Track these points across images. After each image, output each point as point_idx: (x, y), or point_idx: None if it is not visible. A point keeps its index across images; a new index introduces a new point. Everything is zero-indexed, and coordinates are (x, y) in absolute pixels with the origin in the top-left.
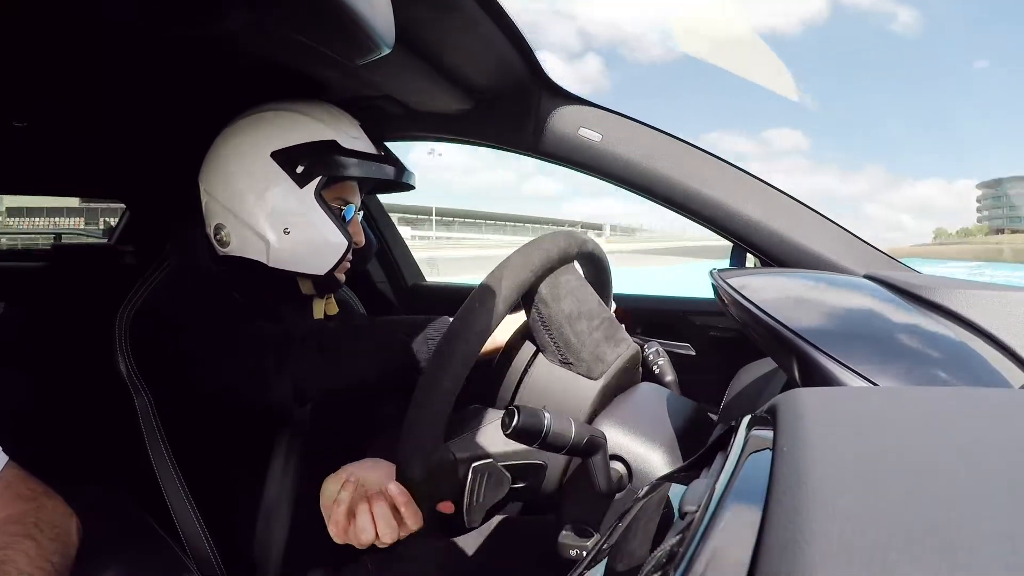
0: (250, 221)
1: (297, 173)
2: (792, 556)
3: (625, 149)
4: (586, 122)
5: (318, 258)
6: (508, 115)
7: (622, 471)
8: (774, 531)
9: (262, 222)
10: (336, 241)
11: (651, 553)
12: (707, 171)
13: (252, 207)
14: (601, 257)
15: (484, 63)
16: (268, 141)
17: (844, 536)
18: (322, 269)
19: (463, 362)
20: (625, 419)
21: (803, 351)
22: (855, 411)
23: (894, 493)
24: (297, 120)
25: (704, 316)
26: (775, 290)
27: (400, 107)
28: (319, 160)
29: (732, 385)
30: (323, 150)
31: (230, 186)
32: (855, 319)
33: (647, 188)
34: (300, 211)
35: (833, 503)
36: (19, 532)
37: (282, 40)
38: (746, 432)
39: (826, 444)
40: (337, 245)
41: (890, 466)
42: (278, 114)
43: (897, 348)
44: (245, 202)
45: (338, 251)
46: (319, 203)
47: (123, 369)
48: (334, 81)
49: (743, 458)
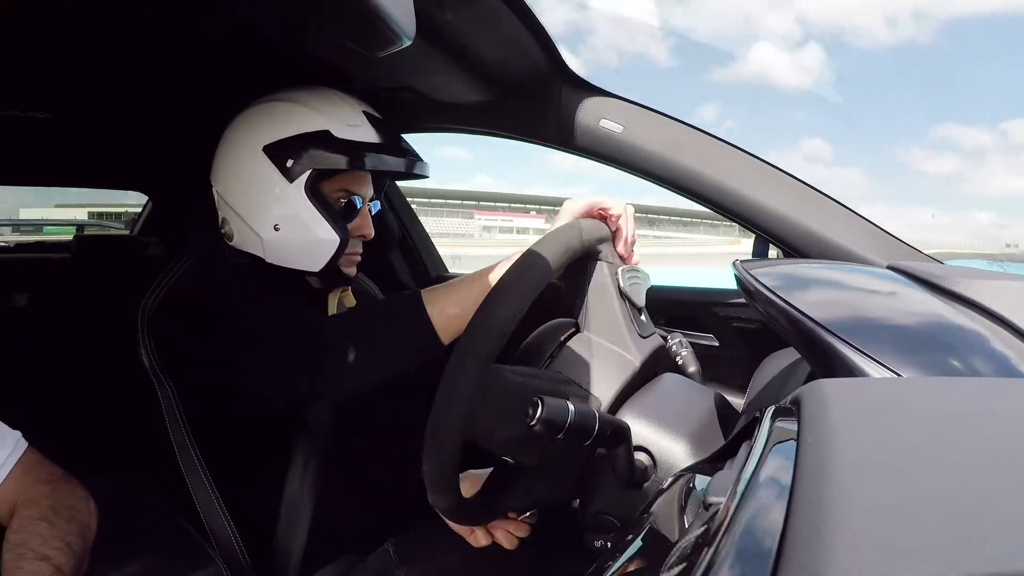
0: (245, 217)
1: (287, 167)
2: (817, 548)
3: (647, 140)
4: (607, 113)
5: (310, 255)
6: (529, 106)
7: (646, 462)
8: (799, 523)
9: (255, 218)
10: (327, 238)
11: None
12: (729, 162)
13: (246, 203)
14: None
15: (504, 54)
16: (261, 135)
17: (869, 528)
18: (316, 266)
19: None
20: (649, 410)
21: (826, 342)
22: (879, 402)
23: (918, 485)
24: (291, 111)
25: (727, 307)
26: (798, 281)
27: (420, 98)
28: (309, 153)
29: (756, 376)
30: (313, 142)
31: (229, 181)
32: (878, 310)
33: (669, 179)
34: (290, 207)
35: (857, 495)
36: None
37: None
38: (770, 423)
39: (850, 435)
40: (328, 242)
41: (914, 457)
42: (274, 105)
43: (920, 339)
44: (240, 197)
45: (329, 248)
46: (309, 198)
47: (146, 361)
48: (354, 72)
49: (767, 449)
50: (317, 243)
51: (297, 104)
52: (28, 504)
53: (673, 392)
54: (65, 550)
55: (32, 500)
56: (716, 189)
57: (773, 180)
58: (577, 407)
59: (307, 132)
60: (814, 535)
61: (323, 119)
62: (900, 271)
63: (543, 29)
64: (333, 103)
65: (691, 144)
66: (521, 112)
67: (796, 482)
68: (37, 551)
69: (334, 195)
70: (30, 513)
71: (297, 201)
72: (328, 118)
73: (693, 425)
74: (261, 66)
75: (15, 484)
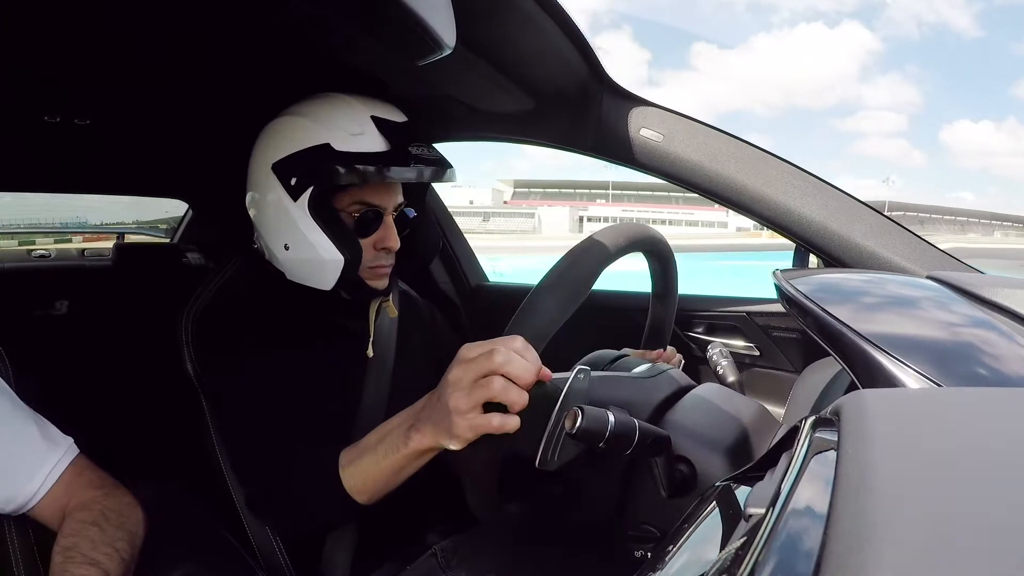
0: (265, 236)
1: (291, 185)
2: (857, 561)
3: (686, 149)
4: (647, 122)
5: (318, 274)
6: (569, 115)
7: (687, 472)
8: (839, 535)
9: (270, 237)
10: (330, 258)
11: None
12: (769, 171)
13: (263, 222)
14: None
15: (545, 63)
16: (269, 153)
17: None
18: (326, 284)
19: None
20: (689, 420)
21: (866, 352)
22: (920, 413)
23: (959, 496)
24: (295, 126)
25: (767, 316)
26: (837, 290)
27: (461, 106)
28: (307, 169)
29: (796, 386)
30: (313, 157)
31: (252, 198)
32: (918, 320)
33: (709, 189)
34: (295, 227)
35: (898, 507)
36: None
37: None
38: (810, 433)
39: (891, 446)
40: (333, 263)
41: (955, 469)
42: (282, 121)
43: (961, 349)
44: (259, 217)
45: (335, 268)
46: (313, 217)
47: (189, 369)
48: (394, 81)
49: (808, 460)
50: (322, 263)
51: (300, 118)
52: (79, 509)
53: (713, 402)
54: (114, 556)
55: (83, 505)
56: (756, 198)
57: (812, 189)
58: (617, 416)
59: (307, 148)
60: (854, 548)
61: (324, 131)
62: (940, 281)
63: (583, 37)
64: (336, 112)
65: (731, 153)
66: (561, 121)
67: (836, 493)
68: (87, 555)
69: (349, 208)
70: (81, 517)
71: (301, 220)
72: (329, 129)
73: (733, 435)
74: (300, 75)
75: (66, 488)
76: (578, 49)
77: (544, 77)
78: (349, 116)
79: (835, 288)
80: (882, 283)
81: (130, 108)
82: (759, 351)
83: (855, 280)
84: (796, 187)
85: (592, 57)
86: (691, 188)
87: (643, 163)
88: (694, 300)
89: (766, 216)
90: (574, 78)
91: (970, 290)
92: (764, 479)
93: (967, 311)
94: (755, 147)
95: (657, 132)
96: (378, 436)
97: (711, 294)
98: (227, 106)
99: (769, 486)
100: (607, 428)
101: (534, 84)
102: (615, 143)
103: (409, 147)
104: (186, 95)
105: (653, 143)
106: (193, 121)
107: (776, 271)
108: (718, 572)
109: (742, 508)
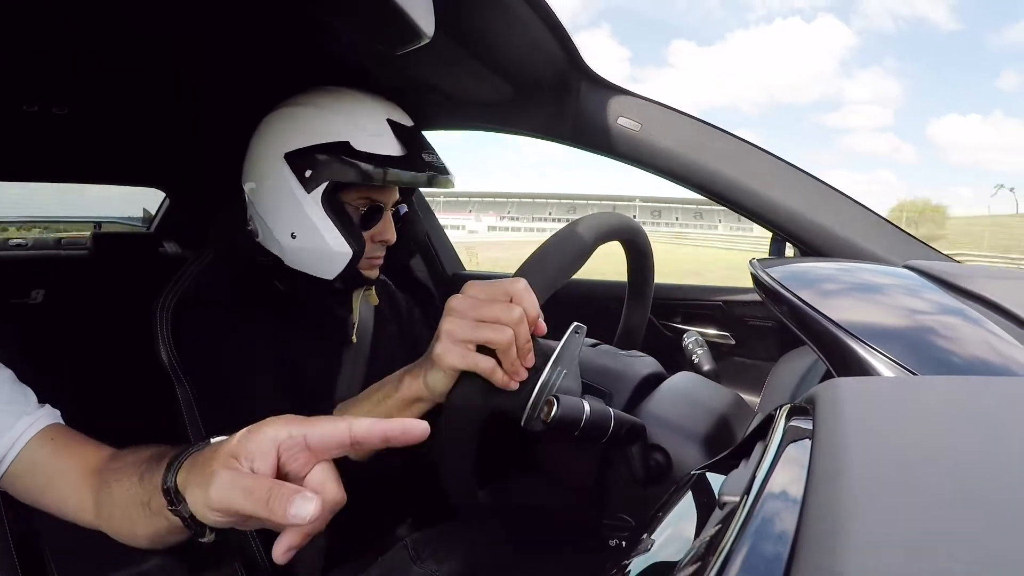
0: (267, 221)
1: (306, 177)
2: (831, 548)
3: (664, 138)
4: (625, 111)
5: (323, 264)
6: (548, 104)
7: (662, 461)
8: (813, 522)
9: (275, 224)
10: (339, 250)
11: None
12: (746, 160)
13: (267, 208)
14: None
15: (524, 52)
16: (283, 141)
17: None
18: (330, 274)
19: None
20: (664, 409)
21: (841, 340)
22: (894, 401)
23: (932, 484)
24: (313, 118)
25: (743, 306)
26: (814, 279)
27: (440, 96)
28: (327, 165)
29: (772, 374)
30: (333, 153)
31: (255, 183)
32: (894, 309)
33: (686, 177)
34: (306, 217)
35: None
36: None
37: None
38: (785, 422)
39: (865, 435)
40: (341, 255)
41: (928, 457)
42: (296, 110)
43: (936, 338)
44: (264, 202)
45: (342, 260)
46: (325, 209)
47: (165, 358)
48: (373, 70)
49: (782, 448)
50: (331, 255)
51: (320, 110)
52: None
53: (689, 391)
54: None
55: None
56: (733, 187)
57: (790, 178)
58: (593, 406)
59: (327, 143)
60: (828, 535)
61: (345, 128)
62: (917, 270)
63: (562, 26)
64: (357, 110)
65: (708, 142)
66: (540, 110)
67: (810, 481)
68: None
69: (355, 202)
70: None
71: (313, 212)
72: (348, 127)
73: (708, 424)
74: (281, 66)
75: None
76: (557, 38)
77: (523, 66)
78: (368, 116)
79: (811, 277)
80: (858, 272)
81: (108, 97)
82: (735, 340)
83: (831, 269)
84: (774, 176)
85: (571, 46)
86: (668, 176)
87: (620, 152)
88: (670, 289)
89: (743, 205)
90: (553, 67)
91: (946, 279)
92: (739, 467)
93: (942, 300)
94: (734, 136)
95: (635, 121)
96: (374, 387)
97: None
98: (207, 96)
99: (744, 474)
100: (582, 417)
101: (513, 73)
102: (593, 132)
103: (422, 154)
104: (165, 85)
105: (630, 132)
106: (172, 110)
107: (753, 260)
108: (693, 559)
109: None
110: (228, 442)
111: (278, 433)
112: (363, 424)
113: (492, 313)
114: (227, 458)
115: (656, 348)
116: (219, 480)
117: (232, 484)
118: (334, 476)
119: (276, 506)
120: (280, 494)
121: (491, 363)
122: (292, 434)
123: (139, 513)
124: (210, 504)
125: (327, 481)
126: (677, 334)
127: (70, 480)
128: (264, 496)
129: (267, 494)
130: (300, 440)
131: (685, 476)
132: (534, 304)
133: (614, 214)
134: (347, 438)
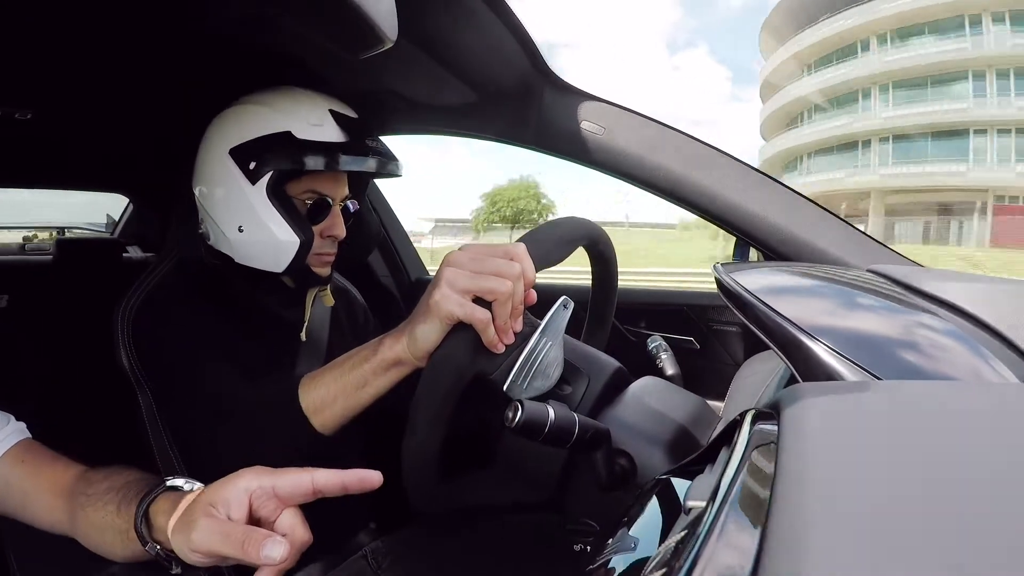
0: (215, 218)
1: (250, 169)
2: (796, 552)
3: (627, 143)
4: (588, 116)
5: (273, 256)
6: (511, 109)
7: (626, 466)
8: (778, 527)
9: (223, 220)
10: (286, 240)
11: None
12: (710, 165)
13: (214, 205)
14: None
15: (487, 57)
16: (227, 138)
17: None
18: (279, 267)
19: None
20: (628, 414)
21: (805, 345)
22: (857, 405)
23: (896, 488)
24: (255, 113)
25: (707, 310)
26: (777, 283)
27: (403, 101)
28: (269, 154)
29: (736, 379)
30: (274, 143)
31: (203, 183)
32: (857, 313)
33: (649, 181)
34: (252, 209)
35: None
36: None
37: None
38: (750, 427)
39: (829, 439)
40: (288, 244)
41: (892, 461)
42: (240, 108)
43: (899, 341)
44: (211, 199)
45: (290, 249)
46: (270, 199)
47: (126, 363)
48: (336, 75)
49: (747, 453)
50: (277, 244)
51: (262, 106)
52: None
53: (653, 396)
54: None
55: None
56: (696, 191)
57: (753, 183)
58: (557, 411)
59: (269, 134)
60: (793, 539)
61: (285, 120)
62: (879, 274)
63: (527, 32)
64: (297, 102)
65: (671, 146)
66: (503, 115)
67: (776, 486)
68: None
69: (301, 196)
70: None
71: (259, 202)
72: (290, 118)
73: (673, 429)
74: (241, 70)
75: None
76: (520, 43)
77: (486, 71)
78: (309, 107)
79: (774, 281)
80: (822, 276)
81: (72, 102)
82: (699, 344)
83: (795, 273)
84: (738, 181)
85: (534, 51)
86: (631, 181)
87: (583, 156)
88: (634, 293)
89: (707, 209)
90: (516, 72)
91: (909, 283)
92: (704, 472)
93: (906, 304)
94: (698, 141)
95: (598, 125)
96: (346, 355)
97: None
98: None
99: (709, 479)
100: (547, 422)
101: (476, 78)
102: (556, 136)
103: (365, 140)
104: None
105: (593, 136)
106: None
107: (716, 264)
108: (658, 565)
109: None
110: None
111: (249, 484)
112: (324, 475)
113: (494, 265)
114: (206, 506)
115: (620, 352)
116: (200, 527)
117: (211, 530)
118: (301, 520)
119: (250, 549)
120: (253, 539)
121: (487, 316)
122: (262, 484)
123: (116, 538)
124: (192, 547)
125: (296, 526)
126: (641, 338)
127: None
128: (240, 540)
129: (242, 538)
130: (269, 489)
131: (650, 481)
132: (531, 267)
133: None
134: (310, 488)
